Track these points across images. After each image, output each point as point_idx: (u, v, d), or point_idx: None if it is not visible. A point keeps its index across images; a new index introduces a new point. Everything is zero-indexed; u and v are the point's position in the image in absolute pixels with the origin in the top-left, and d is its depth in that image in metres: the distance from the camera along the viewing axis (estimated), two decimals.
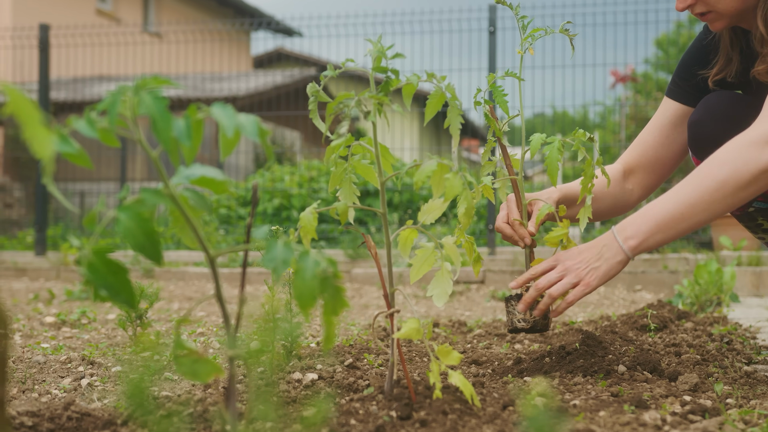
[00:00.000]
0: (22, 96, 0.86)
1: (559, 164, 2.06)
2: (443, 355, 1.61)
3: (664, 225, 1.99)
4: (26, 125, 0.88)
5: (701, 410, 1.67)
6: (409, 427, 1.49)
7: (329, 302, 1.21)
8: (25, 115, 0.87)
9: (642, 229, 2.01)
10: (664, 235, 2.01)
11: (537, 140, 2.09)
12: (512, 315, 2.15)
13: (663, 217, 1.99)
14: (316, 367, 2.18)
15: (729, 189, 1.95)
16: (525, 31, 2.18)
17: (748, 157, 1.94)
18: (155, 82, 1.17)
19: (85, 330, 3.37)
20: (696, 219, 1.99)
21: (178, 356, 1.22)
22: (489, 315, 4.29)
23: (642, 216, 2.02)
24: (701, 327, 3.14)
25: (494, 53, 7.73)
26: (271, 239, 1.19)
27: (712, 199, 1.97)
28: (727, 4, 2.17)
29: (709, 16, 2.22)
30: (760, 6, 2.15)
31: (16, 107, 0.87)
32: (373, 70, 1.69)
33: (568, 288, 2.04)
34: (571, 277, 2.04)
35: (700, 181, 1.98)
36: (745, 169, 1.94)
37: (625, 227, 2.03)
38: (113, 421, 1.57)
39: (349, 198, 1.85)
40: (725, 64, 2.33)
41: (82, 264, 1.12)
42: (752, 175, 1.94)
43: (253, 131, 1.20)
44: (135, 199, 1.16)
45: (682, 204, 1.98)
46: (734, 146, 1.98)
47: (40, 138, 0.88)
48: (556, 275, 2.06)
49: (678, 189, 2.01)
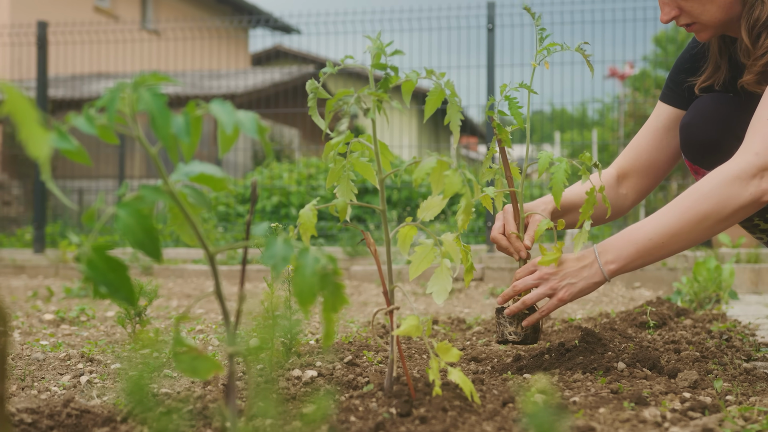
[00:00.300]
0: (20, 94, 0.85)
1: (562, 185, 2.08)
2: (443, 352, 1.61)
3: (644, 252, 2.05)
4: (22, 125, 0.88)
5: (701, 407, 1.67)
6: (409, 423, 1.49)
7: (329, 299, 1.21)
8: (22, 114, 0.87)
9: (623, 254, 2.05)
10: (643, 260, 2.07)
11: (545, 159, 2.10)
12: (503, 327, 2.18)
13: (644, 245, 2.04)
14: (315, 364, 2.18)
15: (710, 222, 2.01)
16: (541, 43, 2.17)
17: (731, 192, 1.98)
18: (154, 78, 1.17)
19: (84, 327, 3.37)
20: (676, 247, 2.05)
21: (177, 353, 1.22)
22: (488, 312, 4.29)
23: (624, 240, 2.07)
24: (700, 324, 3.14)
25: (493, 50, 7.72)
26: (271, 236, 1.19)
27: (693, 230, 2.02)
28: (711, 15, 2.18)
29: (694, 27, 2.24)
30: (744, 16, 2.17)
31: (13, 106, 0.86)
32: (372, 66, 1.69)
33: (542, 298, 2.10)
34: (546, 288, 2.09)
35: (684, 212, 2.02)
36: (727, 204, 1.98)
37: (607, 250, 2.07)
38: (113, 418, 1.56)
39: (346, 195, 1.85)
40: (713, 71, 2.35)
41: (82, 261, 1.11)
42: (734, 210, 1.99)
43: (252, 128, 1.20)
44: (134, 195, 1.16)
45: (664, 233, 2.03)
46: (719, 180, 2.00)
47: (37, 138, 0.87)
48: (533, 281, 2.11)
49: (661, 216, 2.05)
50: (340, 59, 1.78)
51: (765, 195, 1.99)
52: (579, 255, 2.09)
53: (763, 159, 1.98)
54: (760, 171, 1.98)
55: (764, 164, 1.98)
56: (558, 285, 2.08)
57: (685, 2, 2.18)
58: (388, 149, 1.78)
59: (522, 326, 2.15)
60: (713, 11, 2.17)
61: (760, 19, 2.14)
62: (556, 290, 2.08)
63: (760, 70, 2.16)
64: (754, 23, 2.15)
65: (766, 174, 1.98)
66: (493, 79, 7.63)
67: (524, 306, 2.11)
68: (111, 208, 1.14)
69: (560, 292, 2.08)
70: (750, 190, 1.97)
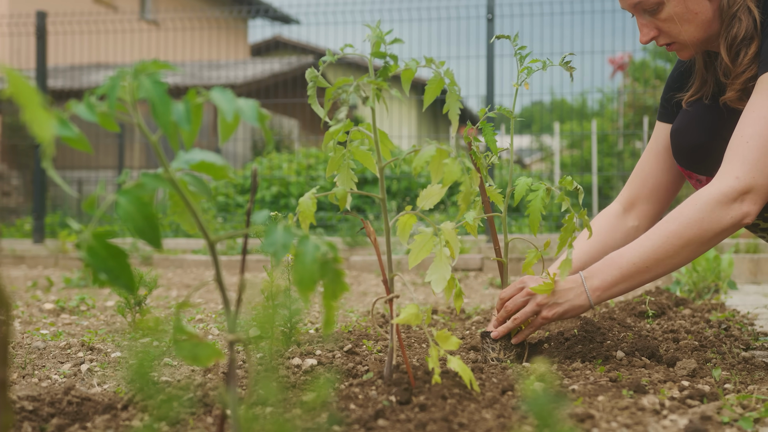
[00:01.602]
0: (22, 79, 0.86)
1: (540, 214, 2.11)
2: (442, 341, 1.62)
3: (628, 276, 2.09)
4: (26, 107, 0.88)
5: (699, 395, 1.68)
6: (409, 411, 1.50)
7: (329, 286, 1.21)
8: (25, 97, 0.87)
9: (608, 280, 2.09)
10: (627, 285, 2.11)
11: (522, 186, 2.12)
12: (486, 353, 2.19)
13: (628, 269, 2.08)
14: (315, 353, 2.18)
15: (693, 246, 2.05)
16: (522, 62, 2.16)
17: (713, 217, 2.02)
18: (155, 66, 1.17)
19: (84, 316, 3.38)
20: (660, 271, 2.09)
21: (178, 341, 1.22)
22: (487, 302, 4.30)
23: (610, 266, 2.10)
24: (699, 314, 3.14)
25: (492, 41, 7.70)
26: (271, 224, 1.19)
27: (677, 255, 2.06)
28: (690, 35, 2.21)
29: (674, 47, 2.27)
30: (722, 34, 2.19)
31: (16, 90, 0.86)
32: (372, 55, 1.69)
33: (531, 315, 2.13)
34: (533, 305, 2.12)
35: (667, 237, 2.05)
36: (709, 229, 2.03)
37: (593, 275, 2.11)
38: (113, 406, 1.57)
39: (346, 184, 1.85)
40: (700, 86, 2.37)
41: (82, 248, 1.12)
42: (715, 234, 2.04)
43: (252, 116, 1.20)
44: (135, 183, 1.16)
45: (648, 258, 2.07)
46: (701, 205, 2.04)
47: (40, 120, 0.88)
48: (522, 299, 2.14)
49: (645, 241, 2.09)
50: (339, 48, 1.78)
51: (745, 218, 2.03)
52: (568, 279, 2.13)
53: (743, 183, 2.01)
54: (740, 195, 2.02)
55: (744, 188, 2.01)
56: (544, 302, 2.11)
57: (662, 23, 2.21)
58: (388, 138, 1.78)
59: (505, 353, 2.17)
60: (691, 30, 2.20)
61: (738, 36, 2.16)
62: (542, 307, 2.12)
63: (741, 87, 2.19)
64: (732, 40, 2.17)
65: (746, 198, 2.02)
66: (493, 70, 7.62)
67: (515, 324, 2.14)
68: (112, 195, 1.14)
69: (545, 310, 2.11)
70: (731, 214, 2.02)
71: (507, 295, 2.17)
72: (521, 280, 2.18)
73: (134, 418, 1.49)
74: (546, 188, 2.11)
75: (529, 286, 2.13)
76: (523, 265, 2.25)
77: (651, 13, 2.21)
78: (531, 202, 2.10)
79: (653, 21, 2.21)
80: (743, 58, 2.16)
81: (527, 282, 2.15)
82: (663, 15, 2.19)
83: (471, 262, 6.24)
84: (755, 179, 2.01)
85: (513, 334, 2.17)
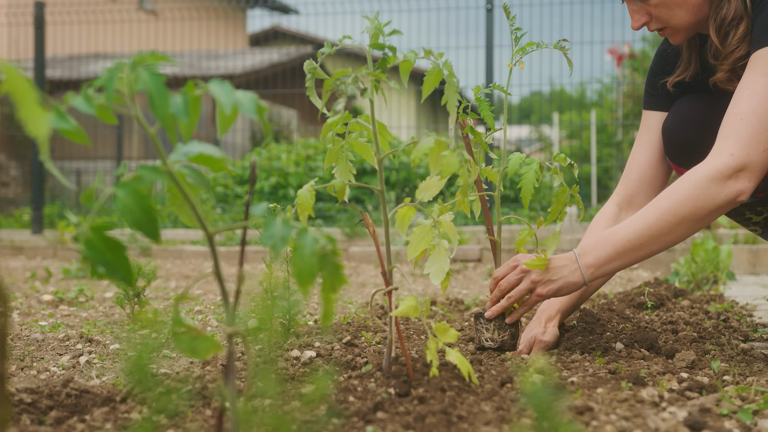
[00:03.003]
0: (19, 74, 0.85)
1: (532, 187, 2.10)
2: (441, 333, 1.62)
3: (623, 252, 2.07)
4: (21, 104, 0.87)
5: (698, 387, 1.68)
6: (408, 404, 1.49)
7: (328, 279, 1.21)
8: (21, 94, 0.86)
9: (602, 256, 2.07)
10: (622, 262, 2.08)
11: (515, 160, 2.11)
12: (480, 333, 2.18)
13: (623, 246, 2.06)
14: (314, 345, 2.18)
15: (688, 223, 2.04)
16: (517, 43, 2.16)
17: (708, 194, 2.01)
18: (152, 58, 1.16)
19: (83, 308, 3.38)
20: (654, 248, 2.07)
21: (176, 333, 1.22)
22: (486, 293, 4.30)
23: (603, 243, 2.08)
24: (698, 305, 3.14)
25: (491, 31, 7.69)
26: (270, 216, 1.19)
27: (672, 232, 2.04)
28: (681, 19, 2.22)
29: (666, 32, 2.27)
30: (712, 16, 2.19)
31: (12, 86, 0.86)
32: (371, 46, 1.69)
33: (525, 294, 2.11)
34: (527, 282, 2.10)
35: (662, 214, 2.04)
36: (704, 206, 2.01)
37: (587, 252, 2.09)
38: (112, 398, 1.57)
39: (345, 175, 1.85)
40: (684, 68, 2.38)
41: (80, 241, 1.11)
42: (710, 211, 2.02)
43: (250, 108, 1.20)
44: (133, 175, 1.16)
45: (642, 235, 2.05)
46: (695, 182, 2.02)
47: (36, 118, 0.87)
48: (515, 277, 2.12)
49: (640, 218, 2.07)
50: (338, 39, 1.77)
51: (740, 195, 2.02)
52: (562, 256, 2.12)
53: (737, 160, 2.01)
54: (735, 172, 2.01)
55: (739, 165, 2.01)
56: (538, 279, 2.09)
57: (653, 8, 2.21)
58: (387, 129, 1.77)
59: (499, 332, 2.15)
60: (682, 15, 2.21)
61: (727, 18, 2.16)
62: (536, 284, 2.10)
63: (730, 67, 2.19)
64: (722, 21, 2.18)
65: (740, 175, 2.01)
66: (492, 60, 7.60)
67: (509, 303, 2.12)
68: (110, 188, 1.14)
69: (539, 287, 2.09)
70: (726, 191, 2.01)
71: (500, 274, 2.15)
72: (514, 258, 2.16)
73: (133, 410, 1.49)
74: (539, 163, 2.10)
75: (522, 263, 2.12)
76: (516, 242, 2.23)
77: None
78: (524, 175, 2.09)
79: (644, 6, 2.22)
80: (732, 39, 2.16)
81: (520, 260, 2.14)
82: (654, 0, 2.19)
83: (470, 252, 6.24)
84: (750, 156, 2.00)
85: (507, 314, 2.16)
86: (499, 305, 2.14)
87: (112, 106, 1.15)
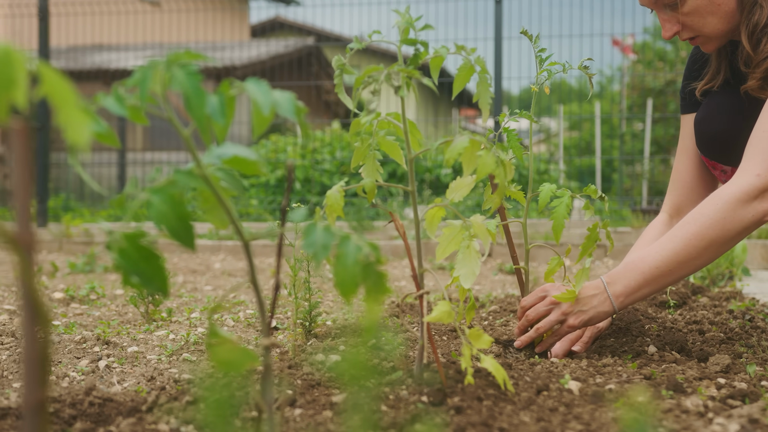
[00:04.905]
0: (58, 76, 0.79)
1: (565, 222, 2.06)
2: (474, 339, 1.57)
3: (652, 280, 2.03)
4: (61, 109, 0.81)
5: (740, 395, 1.63)
6: (444, 414, 1.44)
7: (371, 289, 1.15)
8: (60, 97, 0.80)
9: (631, 285, 2.04)
10: (651, 288, 2.05)
11: (546, 193, 2.05)
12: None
13: (651, 273, 2.03)
14: (339, 349, 2.13)
15: (716, 246, 2.01)
16: (541, 65, 2.11)
17: (735, 216, 1.98)
18: (187, 56, 1.11)
19: (95, 306, 3.32)
20: (683, 273, 2.04)
21: (212, 345, 1.16)
22: (498, 289, 4.26)
23: (632, 271, 2.05)
24: (718, 302, 3.10)
25: (500, 22, 7.62)
26: (311, 223, 1.13)
27: (700, 256, 2.02)
28: (713, 27, 2.17)
29: (698, 40, 2.23)
30: (743, 22, 2.15)
31: (51, 88, 0.80)
32: (401, 42, 1.63)
33: (555, 324, 2.07)
34: (558, 313, 2.07)
35: (689, 239, 2.00)
36: (731, 228, 1.99)
37: (616, 281, 2.05)
38: (138, 408, 1.51)
39: (372, 175, 1.80)
40: (712, 76, 2.34)
41: (113, 249, 1.06)
42: (737, 233, 2.00)
43: (289, 109, 1.14)
44: (167, 180, 1.10)
45: (671, 261, 2.02)
46: (722, 204, 1.99)
47: (77, 123, 0.81)
48: (544, 308, 2.09)
49: (667, 243, 2.03)
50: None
51: (766, 215, 2.00)
52: (590, 285, 2.08)
53: (764, 180, 1.98)
54: (761, 192, 1.98)
55: (765, 185, 1.98)
56: (569, 310, 2.06)
57: (685, 17, 2.17)
58: (417, 128, 1.72)
59: None
60: (715, 23, 2.16)
61: (759, 24, 2.13)
62: (567, 315, 2.06)
63: (762, 75, 2.15)
64: (754, 28, 2.14)
65: (767, 195, 1.99)
66: (501, 52, 7.53)
67: (537, 334, 2.08)
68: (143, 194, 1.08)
69: (570, 318, 2.06)
70: (752, 212, 1.98)
71: (528, 303, 2.12)
72: (542, 288, 2.12)
73: (160, 421, 1.44)
74: (570, 196, 2.05)
75: (551, 294, 2.08)
76: (545, 272, 2.18)
77: (672, 7, 2.17)
78: (555, 209, 2.04)
79: (675, 15, 2.17)
80: (765, 45, 2.13)
81: (549, 290, 2.11)
82: (686, 9, 2.14)
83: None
84: None
85: (536, 343, 2.12)
86: (527, 335, 2.10)
87: (146, 107, 1.09)
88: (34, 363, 0.77)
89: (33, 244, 0.73)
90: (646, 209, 8.89)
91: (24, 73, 0.78)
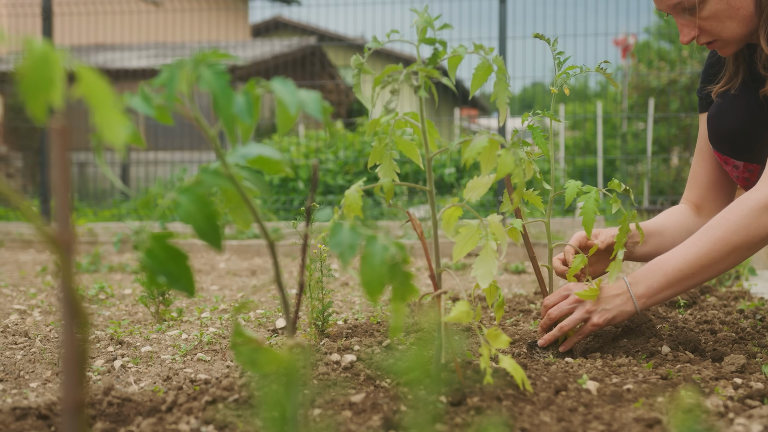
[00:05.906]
0: (96, 77, 0.79)
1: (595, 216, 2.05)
2: (492, 339, 1.56)
3: (674, 282, 2.04)
4: (98, 109, 0.81)
5: (759, 395, 1.63)
6: (464, 414, 1.44)
7: (398, 289, 1.15)
8: (98, 98, 0.80)
9: (654, 286, 2.05)
10: (673, 290, 2.06)
11: (572, 189, 2.05)
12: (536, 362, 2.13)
13: (674, 275, 2.04)
14: (353, 348, 2.13)
15: (740, 252, 2.03)
16: (560, 68, 2.11)
17: (760, 222, 2.00)
18: (214, 56, 1.10)
19: (105, 306, 3.32)
20: (706, 276, 2.06)
21: (236, 345, 1.16)
22: (505, 288, 4.25)
23: (655, 272, 2.06)
24: (726, 302, 3.10)
25: (504, 22, 7.60)
26: (337, 223, 1.13)
27: (723, 261, 2.03)
28: (732, 31, 2.16)
29: (716, 44, 2.22)
30: (762, 26, 2.14)
31: (88, 89, 0.80)
32: (420, 41, 1.63)
33: (579, 323, 2.08)
34: (582, 312, 2.07)
35: (714, 243, 2.02)
36: (756, 234, 2.00)
37: (638, 281, 2.07)
38: (157, 408, 1.51)
39: (389, 174, 1.79)
40: (729, 79, 2.34)
41: (141, 249, 1.06)
42: (762, 239, 2.01)
43: (315, 108, 1.14)
44: (194, 180, 1.10)
45: (694, 264, 2.03)
46: (747, 211, 2.01)
47: (114, 124, 0.81)
48: (568, 306, 2.09)
49: (691, 247, 2.05)
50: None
51: None
52: (612, 285, 2.08)
53: None
54: None
55: None
56: (593, 309, 2.06)
57: (704, 21, 2.16)
58: (434, 127, 1.72)
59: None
60: (733, 27, 2.16)
61: None
62: (591, 314, 2.06)
63: None
64: None
65: None
66: (505, 52, 7.52)
67: (561, 333, 2.09)
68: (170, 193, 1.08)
69: (595, 316, 2.06)
70: None
71: (551, 302, 2.12)
72: (566, 287, 2.12)
73: (180, 421, 1.43)
74: (597, 191, 2.05)
75: (574, 292, 2.08)
76: (569, 271, 2.17)
77: (691, 12, 2.16)
78: (584, 204, 2.03)
79: (694, 20, 2.16)
80: None
81: (572, 289, 2.11)
82: (704, 13, 2.13)
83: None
84: None
85: (560, 342, 2.12)
86: (551, 334, 2.10)
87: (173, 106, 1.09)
88: (74, 363, 0.77)
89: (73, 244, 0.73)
90: (649, 209, 8.89)
91: (61, 73, 0.77)
